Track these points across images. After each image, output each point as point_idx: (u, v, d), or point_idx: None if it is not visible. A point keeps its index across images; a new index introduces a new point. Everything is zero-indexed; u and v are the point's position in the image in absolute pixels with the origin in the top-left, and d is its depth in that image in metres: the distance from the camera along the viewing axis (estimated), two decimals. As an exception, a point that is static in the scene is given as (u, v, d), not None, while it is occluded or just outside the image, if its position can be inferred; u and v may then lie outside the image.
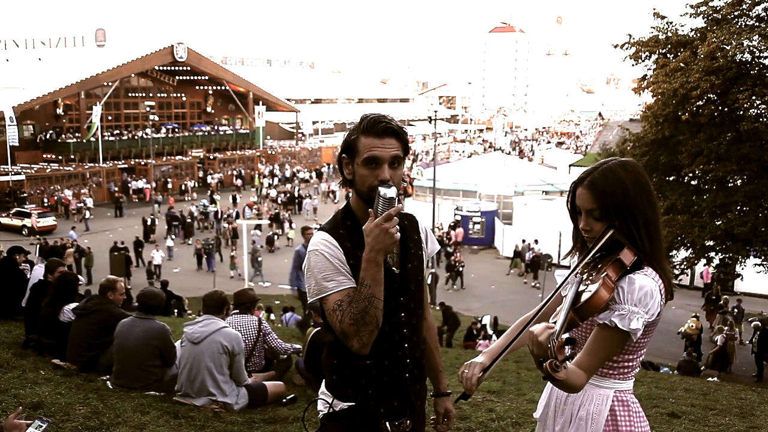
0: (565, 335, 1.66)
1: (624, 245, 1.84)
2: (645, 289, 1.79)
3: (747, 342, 16.03)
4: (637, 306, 1.78)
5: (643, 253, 1.85)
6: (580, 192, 1.89)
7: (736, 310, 18.72)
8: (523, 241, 27.13)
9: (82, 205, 33.60)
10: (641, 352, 1.91)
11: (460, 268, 23.93)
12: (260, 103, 51.42)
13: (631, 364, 1.90)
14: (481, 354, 1.99)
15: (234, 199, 36.98)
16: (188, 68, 47.44)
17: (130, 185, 39.94)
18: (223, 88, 51.47)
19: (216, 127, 52.01)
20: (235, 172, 45.56)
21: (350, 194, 2.13)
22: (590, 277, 1.82)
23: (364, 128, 1.99)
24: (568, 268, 2.01)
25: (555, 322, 1.71)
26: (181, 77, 49.43)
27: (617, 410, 1.87)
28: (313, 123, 59.88)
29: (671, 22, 16.36)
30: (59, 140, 41.03)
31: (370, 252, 1.90)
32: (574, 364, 1.79)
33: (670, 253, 16.76)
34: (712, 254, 16.88)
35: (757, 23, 14.81)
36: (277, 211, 33.47)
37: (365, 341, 1.93)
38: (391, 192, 1.89)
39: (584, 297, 1.76)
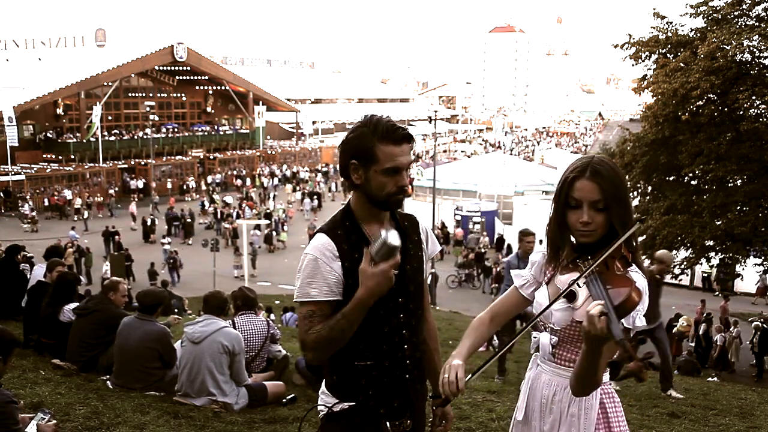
0: (639, 336, 1.68)
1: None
2: (642, 288, 1.81)
3: (747, 342, 16.02)
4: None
5: (630, 247, 1.88)
6: (583, 184, 1.84)
7: None
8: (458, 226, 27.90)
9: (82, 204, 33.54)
10: None
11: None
12: (260, 103, 51.39)
13: (613, 356, 1.94)
14: (452, 356, 1.97)
15: (205, 204, 35.66)
16: (188, 68, 47.39)
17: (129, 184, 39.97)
18: (223, 88, 51.44)
19: (216, 127, 51.96)
20: (234, 172, 45.54)
21: (350, 196, 2.12)
22: (622, 273, 1.81)
23: (381, 135, 1.97)
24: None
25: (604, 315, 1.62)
26: (181, 77, 49.37)
27: (606, 402, 1.91)
28: (313, 123, 59.81)
29: (671, 22, 16.39)
30: (59, 140, 40.97)
31: (365, 295, 1.89)
32: None
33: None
34: (712, 254, 16.89)
35: (757, 23, 14.84)
36: (269, 210, 33.39)
37: (319, 358, 2.03)
38: (395, 240, 1.86)
39: (616, 298, 1.70)
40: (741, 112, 14.98)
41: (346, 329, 1.93)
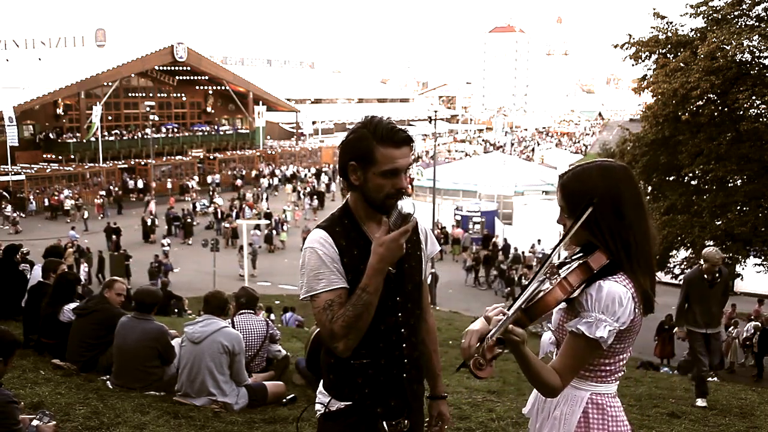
0: (498, 336, 1.64)
1: (597, 248, 1.82)
2: (613, 296, 1.76)
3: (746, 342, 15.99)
4: (604, 314, 1.75)
5: (617, 259, 1.81)
6: (557, 188, 1.93)
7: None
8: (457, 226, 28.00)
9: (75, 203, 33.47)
10: (621, 357, 1.87)
11: (525, 281, 23.21)
12: (260, 103, 51.37)
13: (609, 368, 1.87)
14: (478, 320, 1.92)
15: (196, 205, 35.84)
16: (188, 68, 47.37)
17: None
18: (223, 88, 51.43)
19: (216, 127, 51.95)
20: (235, 172, 45.53)
21: (349, 195, 2.12)
22: (554, 277, 1.78)
23: (381, 137, 1.97)
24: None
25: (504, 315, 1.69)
26: (181, 77, 49.36)
27: (590, 413, 1.85)
28: (313, 123, 59.78)
29: (671, 22, 16.38)
30: (59, 140, 40.96)
31: (379, 263, 1.91)
32: (552, 366, 1.80)
33: (670, 253, 16.78)
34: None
35: (757, 23, 14.83)
36: (269, 210, 33.36)
37: (350, 345, 1.95)
38: (409, 207, 1.91)
39: (537, 297, 1.74)
40: (741, 112, 14.97)
41: (369, 302, 1.92)
